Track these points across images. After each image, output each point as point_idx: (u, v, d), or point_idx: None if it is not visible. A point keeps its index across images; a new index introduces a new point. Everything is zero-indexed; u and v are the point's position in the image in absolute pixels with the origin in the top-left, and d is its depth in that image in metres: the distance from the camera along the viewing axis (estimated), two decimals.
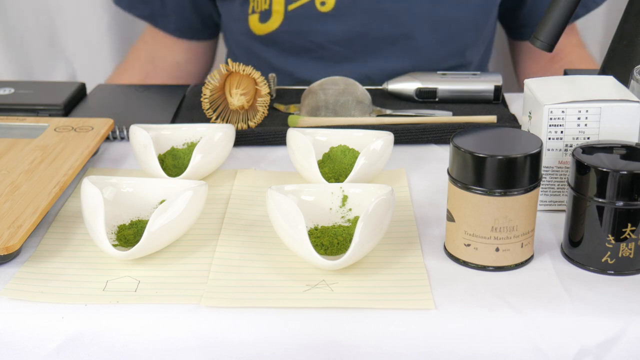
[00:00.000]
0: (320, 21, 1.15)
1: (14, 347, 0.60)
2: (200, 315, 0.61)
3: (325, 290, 0.63)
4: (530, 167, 0.63)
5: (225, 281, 0.64)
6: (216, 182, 0.82)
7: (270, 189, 0.67)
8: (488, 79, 1.00)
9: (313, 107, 0.93)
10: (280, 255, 0.68)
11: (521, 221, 0.65)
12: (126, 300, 0.62)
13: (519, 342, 0.60)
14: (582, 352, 0.59)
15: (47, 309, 0.61)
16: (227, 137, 0.82)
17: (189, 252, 0.69)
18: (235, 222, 0.74)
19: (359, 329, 0.60)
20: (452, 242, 0.67)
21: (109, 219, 0.68)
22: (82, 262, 0.67)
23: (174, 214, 0.66)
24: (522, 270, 0.66)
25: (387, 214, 0.66)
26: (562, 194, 0.75)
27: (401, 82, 1.00)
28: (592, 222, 0.65)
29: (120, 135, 0.92)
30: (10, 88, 1.01)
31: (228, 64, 0.89)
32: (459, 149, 0.64)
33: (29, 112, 0.95)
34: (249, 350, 0.60)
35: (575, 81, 0.77)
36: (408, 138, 0.90)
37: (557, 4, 0.82)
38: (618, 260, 0.65)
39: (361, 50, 1.17)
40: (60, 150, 0.82)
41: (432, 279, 0.65)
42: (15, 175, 0.76)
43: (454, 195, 0.66)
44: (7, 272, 0.66)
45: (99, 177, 0.71)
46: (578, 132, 0.72)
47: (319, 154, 0.82)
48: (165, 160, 0.82)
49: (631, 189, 0.62)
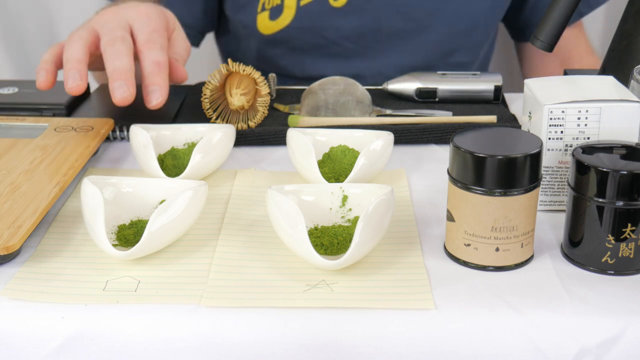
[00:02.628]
0: (333, 16, 1.15)
1: (14, 347, 0.60)
2: (200, 315, 0.61)
3: (325, 290, 0.63)
4: (530, 167, 0.63)
5: (225, 281, 0.64)
6: (216, 182, 0.82)
7: (270, 189, 0.67)
8: (488, 79, 1.00)
9: (313, 107, 0.93)
10: (280, 255, 0.68)
11: (521, 221, 0.65)
12: (126, 300, 0.62)
13: (519, 342, 0.60)
14: (582, 352, 0.59)
15: (47, 309, 0.61)
16: (227, 137, 0.82)
17: (189, 252, 0.69)
18: (235, 222, 0.74)
19: (359, 329, 0.60)
20: (452, 242, 0.67)
21: (109, 219, 0.68)
22: (82, 262, 0.67)
23: (174, 214, 0.66)
24: (522, 270, 0.66)
25: (387, 214, 0.66)
26: (562, 194, 0.75)
27: (401, 82, 1.00)
28: (592, 222, 0.65)
29: (121, 136, 0.92)
30: (14, 87, 1.01)
31: (228, 64, 0.89)
32: (459, 149, 0.64)
33: (32, 112, 0.95)
34: (249, 350, 0.60)
35: (575, 81, 0.77)
36: (408, 138, 0.90)
37: (558, 3, 0.82)
38: (618, 260, 0.65)
39: (372, 46, 1.18)
40: (60, 150, 0.82)
41: (432, 279, 0.65)
42: (15, 175, 0.76)
43: (454, 195, 0.66)
44: (7, 272, 0.66)
45: (99, 177, 0.71)
46: (578, 132, 0.72)
47: (319, 154, 0.82)
48: (165, 160, 0.82)
49: (631, 189, 0.62)
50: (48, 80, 0.85)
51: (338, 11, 1.15)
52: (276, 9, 1.16)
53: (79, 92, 0.82)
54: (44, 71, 0.85)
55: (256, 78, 0.90)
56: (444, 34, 1.18)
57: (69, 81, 0.81)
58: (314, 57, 1.19)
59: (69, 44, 0.85)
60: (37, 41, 1.56)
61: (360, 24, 1.16)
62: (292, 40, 1.18)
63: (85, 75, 0.82)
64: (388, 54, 1.18)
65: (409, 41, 1.17)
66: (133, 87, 0.81)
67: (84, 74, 0.82)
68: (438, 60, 1.20)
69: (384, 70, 1.18)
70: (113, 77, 0.81)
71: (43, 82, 0.85)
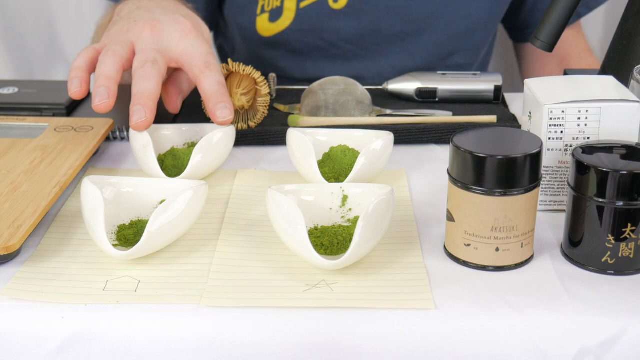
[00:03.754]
0: (333, 18, 1.15)
1: (14, 347, 0.60)
2: (200, 315, 0.61)
3: (325, 290, 0.63)
4: (530, 167, 0.63)
5: (225, 281, 0.64)
6: (216, 182, 0.82)
7: (270, 189, 0.67)
8: (488, 79, 1.00)
9: (313, 107, 0.93)
10: (280, 255, 0.68)
11: (521, 221, 0.65)
12: (126, 300, 0.62)
13: (519, 342, 0.60)
14: (582, 352, 0.59)
15: (47, 309, 0.61)
16: (227, 137, 0.82)
17: (189, 252, 0.69)
18: (235, 222, 0.74)
19: (359, 329, 0.60)
20: (452, 242, 0.67)
21: (109, 219, 0.68)
22: (82, 262, 0.67)
23: (174, 214, 0.66)
24: (522, 270, 0.66)
25: (387, 214, 0.66)
26: (562, 194, 0.75)
27: (401, 82, 1.00)
28: (592, 222, 0.65)
29: (121, 136, 0.92)
30: (14, 87, 1.01)
31: (228, 64, 0.89)
32: (459, 149, 0.64)
33: (32, 112, 0.95)
34: (249, 350, 0.60)
35: (575, 81, 0.77)
36: (408, 138, 0.90)
37: (558, 3, 0.82)
38: (618, 260, 0.65)
39: (372, 48, 1.18)
40: (60, 150, 0.82)
41: (432, 279, 0.65)
42: (15, 175, 0.76)
43: (454, 195, 0.66)
44: (7, 272, 0.66)
45: (99, 177, 0.71)
46: (578, 132, 0.72)
47: (319, 154, 0.82)
48: (165, 160, 0.82)
49: (631, 189, 0.62)
50: (82, 90, 0.83)
51: (338, 13, 1.15)
52: (276, 11, 1.16)
53: (105, 111, 0.81)
54: (78, 79, 0.83)
55: (256, 78, 0.90)
56: (444, 36, 1.18)
57: (97, 99, 0.79)
58: (313, 59, 1.19)
59: (104, 57, 0.83)
60: (37, 41, 1.56)
61: (360, 26, 1.16)
62: (291, 43, 1.18)
63: (114, 94, 0.80)
64: (388, 56, 1.18)
65: (409, 43, 1.17)
66: (152, 114, 0.79)
67: (113, 92, 0.80)
68: (438, 62, 1.20)
69: (383, 72, 1.18)
70: (134, 100, 0.80)
71: (77, 92, 0.83)
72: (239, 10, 1.19)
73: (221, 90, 0.83)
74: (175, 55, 0.86)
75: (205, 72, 0.84)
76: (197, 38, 0.86)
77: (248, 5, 1.17)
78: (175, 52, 0.86)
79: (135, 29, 0.87)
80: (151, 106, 0.79)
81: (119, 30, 0.88)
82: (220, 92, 0.83)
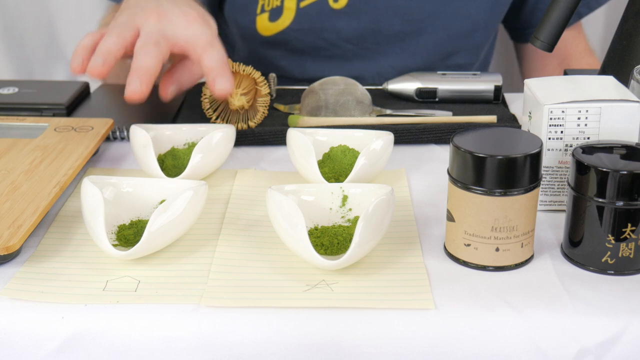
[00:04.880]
0: (333, 18, 1.15)
1: (14, 347, 0.60)
2: (200, 315, 0.61)
3: (325, 290, 0.63)
4: (530, 167, 0.63)
5: (225, 281, 0.64)
6: (216, 182, 0.82)
7: (270, 189, 0.67)
8: (488, 79, 1.00)
9: (313, 107, 0.93)
10: (280, 255, 0.68)
11: (521, 221, 0.65)
12: (126, 300, 0.62)
13: (519, 342, 0.60)
14: (582, 352, 0.59)
15: (47, 309, 0.61)
16: (227, 137, 0.82)
17: (189, 252, 0.69)
18: (235, 222, 0.74)
19: (359, 329, 0.60)
20: (452, 242, 0.67)
21: (109, 219, 0.68)
22: (82, 262, 0.67)
23: (174, 214, 0.66)
24: (522, 270, 0.66)
25: (387, 214, 0.66)
26: (562, 194, 0.75)
27: (401, 82, 1.00)
28: (592, 222, 0.65)
29: (121, 136, 0.92)
30: (14, 87, 1.01)
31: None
32: (459, 149, 0.64)
33: (32, 112, 0.95)
34: (249, 350, 0.60)
35: (575, 81, 0.77)
36: (408, 138, 0.90)
37: (558, 3, 0.82)
38: (618, 260, 0.65)
39: (372, 48, 1.18)
40: (60, 150, 0.82)
41: (432, 279, 0.65)
42: (15, 175, 0.76)
43: (454, 195, 0.66)
44: (7, 272, 0.66)
45: (99, 177, 0.71)
46: (578, 132, 0.72)
47: (319, 154, 0.82)
48: (165, 160, 0.82)
49: (631, 189, 0.62)
50: (83, 67, 0.84)
51: (338, 13, 1.15)
52: (276, 11, 1.16)
53: (99, 77, 0.81)
54: (80, 57, 0.84)
55: (256, 78, 0.90)
56: (444, 36, 1.18)
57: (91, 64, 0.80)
58: (313, 59, 1.19)
59: (107, 36, 0.84)
60: (37, 41, 1.56)
61: (360, 26, 1.16)
62: (291, 42, 1.18)
63: (110, 64, 0.81)
64: (388, 56, 1.18)
65: (409, 43, 1.17)
66: (147, 86, 0.80)
67: (109, 62, 0.81)
68: (438, 62, 1.20)
69: (383, 72, 1.18)
70: (131, 73, 0.80)
71: (77, 67, 0.84)
72: (239, 10, 1.19)
73: (222, 66, 0.83)
74: (180, 40, 0.86)
75: (208, 51, 0.84)
76: (203, 25, 0.87)
77: (248, 5, 1.18)
78: (180, 38, 0.86)
79: (142, 15, 0.88)
80: (147, 80, 0.80)
81: (126, 17, 0.89)
82: (221, 67, 0.83)
